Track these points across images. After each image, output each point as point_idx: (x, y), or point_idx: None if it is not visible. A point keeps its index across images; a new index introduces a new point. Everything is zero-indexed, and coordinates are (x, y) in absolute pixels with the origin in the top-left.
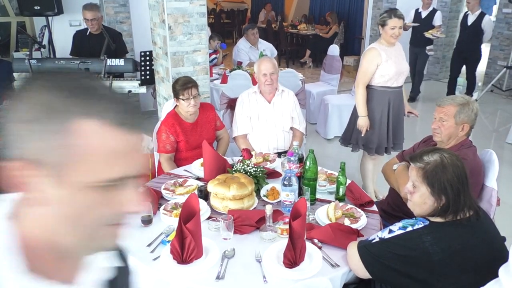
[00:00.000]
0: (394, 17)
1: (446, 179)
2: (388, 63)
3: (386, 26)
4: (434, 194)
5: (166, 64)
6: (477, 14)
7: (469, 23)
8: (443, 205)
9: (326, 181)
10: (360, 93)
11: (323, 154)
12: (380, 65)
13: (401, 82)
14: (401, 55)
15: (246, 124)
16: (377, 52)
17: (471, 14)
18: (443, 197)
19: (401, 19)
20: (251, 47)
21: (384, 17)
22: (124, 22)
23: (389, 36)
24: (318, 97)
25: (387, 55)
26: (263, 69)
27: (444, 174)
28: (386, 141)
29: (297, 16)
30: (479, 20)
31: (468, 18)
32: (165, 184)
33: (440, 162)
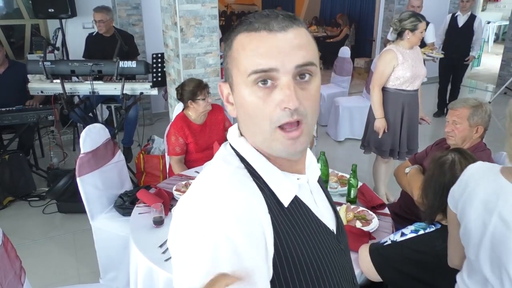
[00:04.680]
0: (423, 20)
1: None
2: (404, 65)
3: (417, 30)
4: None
5: (178, 66)
6: (468, 15)
7: (459, 24)
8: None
9: (337, 183)
10: (376, 94)
11: (334, 156)
12: (397, 67)
13: (417, 86)
14: (419, 58)
15: None
16: (394, 54)
17: (462, 15)
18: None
19: (425, 22)
20: None
21: (413, 21)
22: (136, 25)
23: (418, 39)
24: (329, 99)
25: (404, 57)
26: None
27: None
28: (399, 145)
29: (308, 18)
30: (471, 21)
31: (458, 19)
32: (177, 185)
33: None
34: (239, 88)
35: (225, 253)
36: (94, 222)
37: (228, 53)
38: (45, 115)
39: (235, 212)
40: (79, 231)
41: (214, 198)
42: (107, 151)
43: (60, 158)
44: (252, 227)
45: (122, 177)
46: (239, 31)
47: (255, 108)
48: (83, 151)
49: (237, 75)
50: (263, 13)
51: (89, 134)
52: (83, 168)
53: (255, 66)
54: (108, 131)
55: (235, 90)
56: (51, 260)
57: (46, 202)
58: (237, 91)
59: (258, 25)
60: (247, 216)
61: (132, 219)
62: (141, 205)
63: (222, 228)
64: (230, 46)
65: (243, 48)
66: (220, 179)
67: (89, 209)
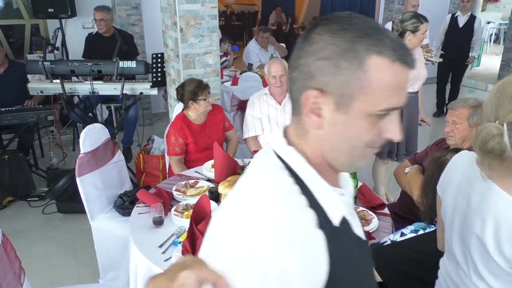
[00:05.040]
0: (424, 21)
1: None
2: None
3: (418, 32)
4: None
5: (178, 66)
6: (468, 15)
7: (460, 24)
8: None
9: None
10: None
11: None
12: None
13: (417, 88)
14: (420, 60)
15: (257, 126)
16: None
17: (462, 16)
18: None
19: (428, 23)
20: (261, 49)
21: (415, 22)
22: (136, 25)
23: (420, 41)
24: None
25: None
26: (273, 71)
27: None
28: (397, 147)
29: (308, 18)
30: (471, 22)
31: (458, 19)
32: (176, 186)
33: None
34: (356, 112)
35: (274, 281)
36: (94, 222)
37: (355, 72)
38: (44, 115)
39: (288, 236)
40: (79, 231)
41: (265, 219)
42: (107, 151)
43: (59, 158)
44: (305, 253)
45: (122, 177)
46: (369, 50)
47: (361, 132)
48: (83, 151)
49: (362, 101)
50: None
51: (89, 134)
52: (82, 168)
53: (390, 104)
54: (107, 131)
55: (347, 112)
56: (51, 260)
57: (46, 202)
58: (351, 114)
59: (393, 53)
60: (300, 241)
61: (132, 219)
62: (141, 205)
63: (273, 253)
64: (360, 66)
65: (382, 80)
66: (270, 197)
67: (88, 209)
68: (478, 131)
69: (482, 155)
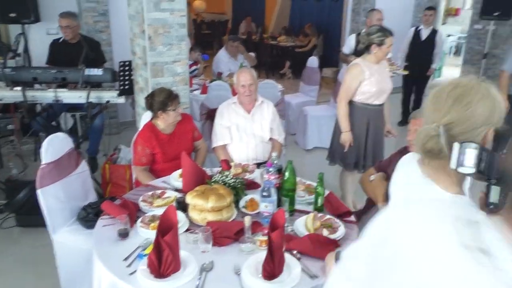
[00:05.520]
0: (390, 35)
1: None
2: (370, 80)
3: (384, 45)
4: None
5: (146, 75)
6: (430, 28)
7: (423, 38)
8: None
9: (305, 192)
10: (343, 108)
11: (302, 165)
12: (363, 82)
13: (383, 100)
14: (385, 72)
15: (225, 135)
16: (360, 68)
17: (425, 29)
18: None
19: (393, 36)
20: (230, 58)
21: (380, 36)
22: (103, 31)
23: (385, 54)
24: (297, 108)
25: (371, 72)
26: (242, 80)
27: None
28: (363, 158)
29: (277, 28)
30: (433, 35)
31: (421, 33)
32: (143, 196)
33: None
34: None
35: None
36: (56, 236)
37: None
38: (4, 124)
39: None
40: (40, 245)
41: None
42: (71, 161)
43: (20, 169)
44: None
45: (86, 188)
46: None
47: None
48: (45, 162)
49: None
50: None
51: (51, 143)
52: (44, 179)
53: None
54: (71, 140)
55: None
56: (9, 278)
57: (4, 216)
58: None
59: None
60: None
61: (96, 231)
62: (106, 217)
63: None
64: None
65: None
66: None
67: (50, 222)
68: (418, 133)
69: (423, 155)
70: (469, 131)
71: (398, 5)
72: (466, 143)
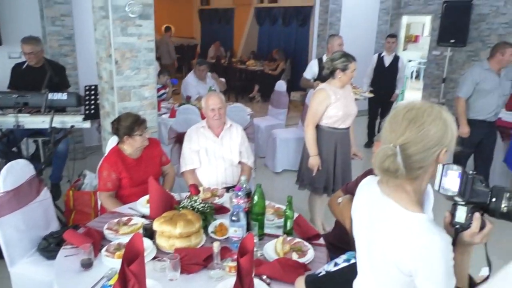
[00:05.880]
0: (353, 60)
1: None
2: (336, 104)
3: (348, 70)
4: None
5: (112, 99)
6: (393, 55)
7: (386, 64)
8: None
9: (274, 215)
10: (310, 133)
11: (272, 188)
12: (329, 106)
13: (349, 124)
14: (350, 97)
15: (194, 159)
16: (326, 93)
17: (387, 55)
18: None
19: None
20: (199, 82)
21: (344, 61)
22: (69, 55)
23: (349, 78)
24: (266, 131)
25: (336, 97)
26: (211, 104)
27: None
28: (333, 182)
29: (246, 52)
30: (395, 61)
31: (384, 59)
32: (108, 224)
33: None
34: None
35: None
36: (14, 268)
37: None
38: None
39: None
40: None
41: None
42: (31, 188)
43: None
44: None
45: (48, 217)
46: None
47: None
48: (3, 190)
49: None
50: None
51: (11, 170)
52: (2, 208)
53: None
54: (33, 167)
55: None
56: None
57: None
58: None
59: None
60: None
61: (58, 262)
62: (68, 246)
63: None
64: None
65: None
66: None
67: (8, 254)
68: (376, 153)
69: (381, 174)
70: (424, 151)
71: (361, 31)
72: (448, 165)
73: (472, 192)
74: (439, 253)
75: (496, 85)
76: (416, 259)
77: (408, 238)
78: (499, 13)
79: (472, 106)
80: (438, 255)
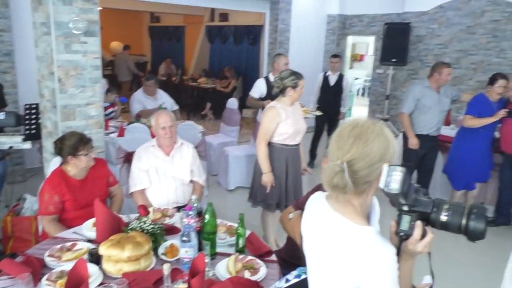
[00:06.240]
0: (302, 78)
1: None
2: (287, 121)
3: (298, 87)
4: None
5: (55, 118)
6: (338, 74)
7: (331, 83)
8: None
9: (226, 234)
10: (262, 150)
11: (225, 205)
12: (280, 123)
13: (299, 140)
14: (299, 114)
15: (144, 179)
16: (276, 111)
17: (332, 75)
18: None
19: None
20: (147, 98)
21: (294, 79)
22: (7, 72)
23: (299, 95)
24: (218, 149)
25: (286, 114)
26: (162, 122)
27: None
28: (285, 198)
29: (197, 70)
30: (340, 80)
31: (329, 78)
32: (50, 250)
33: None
34: None
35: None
36: None
37: None
38: None
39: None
40: None
41: None
42: None
43: None
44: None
45: None
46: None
47: None
48: None
49: None
50: None
51: None
52: None
53: None
54: None
55: None
56: None
57: None
58: None
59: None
60: None
61: None
62: (4, 277)
63: None
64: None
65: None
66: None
67: None
68: (324, 170)
69: (330, 190)
70: (369, 166)
71: (309, 50)
72: (393, 167)
73: (416, 201)
74: (385, 264)
75: (436, 102)
76: (363, 270)
77: (356, 251)
78: (434, 35)
79: (416, 122)
80: (384, 266)
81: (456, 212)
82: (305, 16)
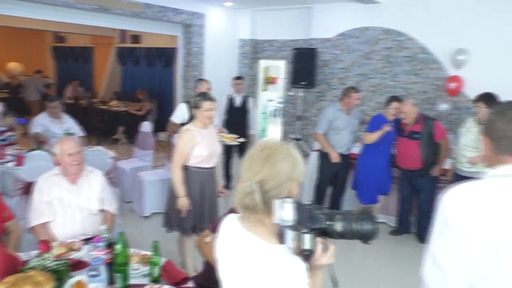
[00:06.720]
0: (209, 100)
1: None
2: (202, 144)
3: (201, 109)
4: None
5: None
6: (243, 96)
7: (236, 104)
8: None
9: (139, 264)
10: (177, 173)
11: (141, 233)
12: (195, 146)
13: (214, 163)
14: (213, 137)
15: (45, 211)
16: (191, 134)
17: (237, 96)
18: None
19: (213, 102)
20: (52, 121)
21: (197, 100)
22: None
23: (205, 118)
24: (132, 174)
25: (201, 137)
26: (68, 149)
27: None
28: (200, 221)
29: (108, 93)
30: (246, 101)
31: (234, 100)
32: None
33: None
34: None
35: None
36: None
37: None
38: None
39: None
40: None
41: None
42: None
43: None
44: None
45: None
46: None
47: None
48: None
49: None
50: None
51: None
52: None
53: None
54: None
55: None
56: None
57: None
58: None
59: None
60: None
61: None
62: None
63: None
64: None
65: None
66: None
67: None
68: (236, 191)
69: (242, 210)
70: (278, 186)
71: (223, 73)
72: (284, 199)
73: (311, 219)
74: (297, 279)
75: (346, 123)
76: (277, 286)
77: (268, 268)
78: (338, 60)
79: (329, 141)
80: (296, 281)
81: (348, 219)
82: (218, 40)
